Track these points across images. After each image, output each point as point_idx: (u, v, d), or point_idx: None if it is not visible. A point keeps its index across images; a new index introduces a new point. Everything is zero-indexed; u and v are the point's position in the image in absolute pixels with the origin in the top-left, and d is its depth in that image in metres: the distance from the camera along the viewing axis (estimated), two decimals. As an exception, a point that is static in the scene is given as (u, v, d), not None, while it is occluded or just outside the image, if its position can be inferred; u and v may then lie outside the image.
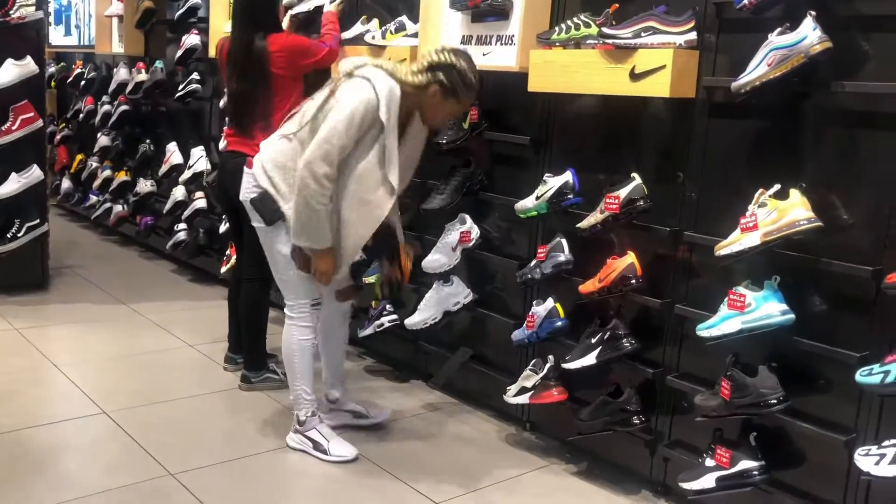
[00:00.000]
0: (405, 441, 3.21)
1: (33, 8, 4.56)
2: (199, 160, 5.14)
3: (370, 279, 3.73)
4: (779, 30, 2.28)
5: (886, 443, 2.16)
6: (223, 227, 4.76)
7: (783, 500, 2.47)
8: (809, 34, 2.21)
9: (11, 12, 4.45)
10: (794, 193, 2.30)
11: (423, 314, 3.40)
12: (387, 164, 2.71)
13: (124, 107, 6.03)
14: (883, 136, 2.25)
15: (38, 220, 4.76)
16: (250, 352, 3.62)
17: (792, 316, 2.35)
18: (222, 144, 3.78)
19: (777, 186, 2.34)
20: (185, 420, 3.29)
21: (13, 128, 4.58)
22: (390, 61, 2.84)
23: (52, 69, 6.91)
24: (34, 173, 4.70)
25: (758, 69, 2.31)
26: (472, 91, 2.81)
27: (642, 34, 2.60)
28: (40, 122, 4.70)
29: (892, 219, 2.23)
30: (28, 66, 4.58)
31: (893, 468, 2.10)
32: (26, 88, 4.63)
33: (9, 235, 4.65)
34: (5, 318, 4.33)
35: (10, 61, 4.52)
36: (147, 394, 3.50)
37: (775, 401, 2.36)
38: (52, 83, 6.89)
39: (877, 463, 2.13)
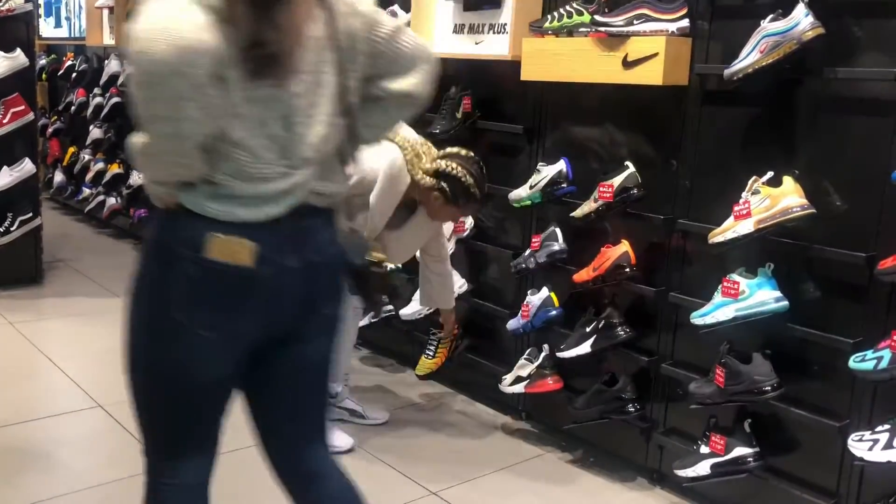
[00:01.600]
0: (401, 431, 3.21)
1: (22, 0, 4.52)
2: (192, 152, 5.12)
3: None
4: (771, 16, 2.27)
5: (879, 428, 2.17)
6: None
7: (777, 486, 2.48)
8: (802, 20, 2.20)
9: (0, 5, 4.42)
10: (787, 180, 2.30)
11: (418, 305, 3.40)
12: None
13: (116, 98, 5.99)
14: (875, 123, 2.25)
15: (30, 214, 4.74)
16: None
17: (786, 303, 2.35)
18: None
19: (770, 174, 2.34)
20: (181, 413, 3.29)
21: (4, 121, 4.55)
22: (419, 145, 2.80)
23: (42, 61, 6.86)
24: (26, 167, 4.67)
25: (750, 56, 2.30)
26: (474, 203, 2.82)
27: (635, 22, 2.60)
28: (31, 115, 4.68)
29: (885, 205, 2.24)
30: (18, 58, 4.55)
31: (886, 454, 2.11)
32: (17, 81, 4.59)
33: (1, 229, 4.63)
34: (-1, 313, 4.34)
35: (0, 54, 4.49)
36: (142, 387, 3.50)
37: (769, 388, 2.37)
38: (44, 75, 6.85)
39: (870, 448, 2.14)
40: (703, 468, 2.51)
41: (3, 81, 4.53)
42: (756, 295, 2.37)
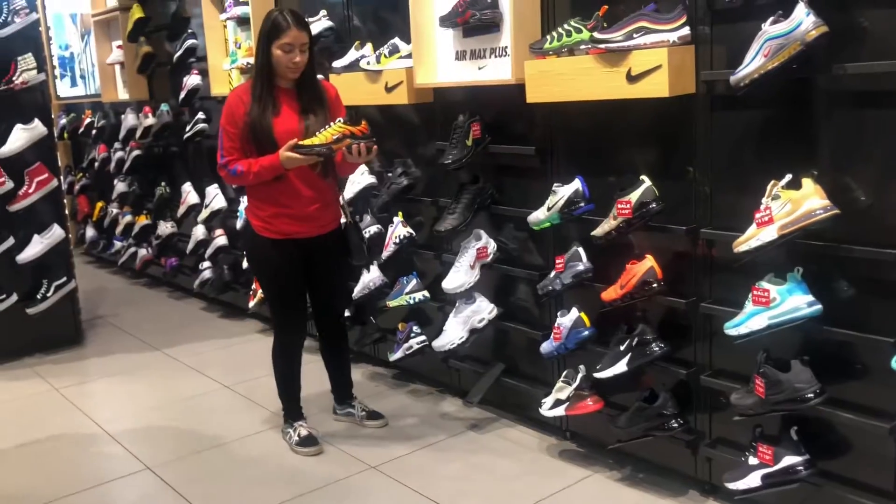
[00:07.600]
0: (445, 462, 3.20)
1: (35, 71, 4.59)
2: (216, 198, 5.18)
3: (394, 302, 3.73)
4: (771, 19, 2.22)
5: (931, 428, 2.11)
6: (246, 263, 4.80)
7: (833, 491, 2.42)
8: (804, 20, 2.15)
9: (14, 79, 4.50)
10: (807, 183, 2.24)
11: (450, 335, 3.39)
12: None
13: (136, 152, 6.09)
14: (890, 114, 2.19)
15: (64, 279, 4.82)
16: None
17: (819, 307, 2.29)
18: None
19: (789, 176, 2.28)
20: (230, 465, 3.31)
21: (30, 191, 4.64)
22: None
23: (63, 121, 7.00)
24: (55, 232, 4.76)
25: (755, 61, 2.25)
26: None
27: (634, 35, 2.56)
28: (55, 182, 4.76)
29: (912, 197, 2.17)
30: (36, 128, 4.63)
31: (941, 454, 2.05)
32: (38, 150, 4.68)
33: (38, 297, 4.72)
34: (44, 378, 4.40)
35: (18, 126, 4.57)
36: (189, 443, 3.53)
37: (812, 394, 2.31)
38: (65, 134, 6.99)
39: (923, 450, 2.08)
40: (753, 480, 2.46)
41: (25, 152, 4.61)
42: (787, 301, 2.32)
